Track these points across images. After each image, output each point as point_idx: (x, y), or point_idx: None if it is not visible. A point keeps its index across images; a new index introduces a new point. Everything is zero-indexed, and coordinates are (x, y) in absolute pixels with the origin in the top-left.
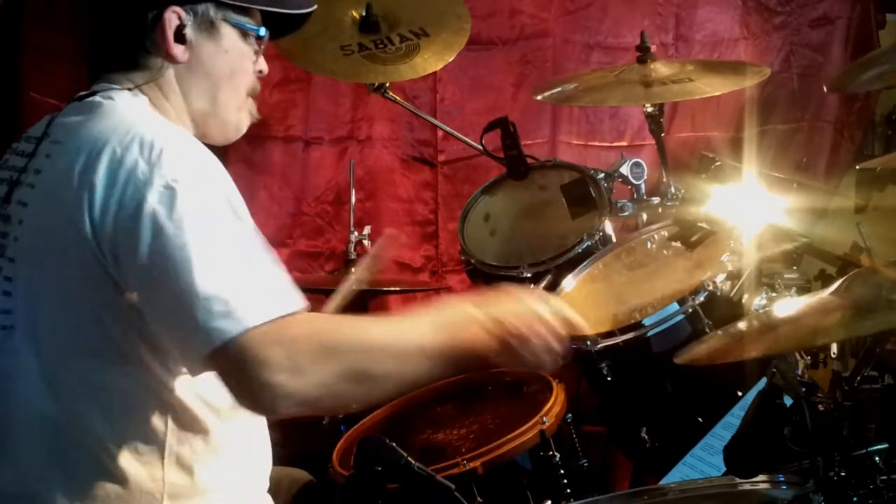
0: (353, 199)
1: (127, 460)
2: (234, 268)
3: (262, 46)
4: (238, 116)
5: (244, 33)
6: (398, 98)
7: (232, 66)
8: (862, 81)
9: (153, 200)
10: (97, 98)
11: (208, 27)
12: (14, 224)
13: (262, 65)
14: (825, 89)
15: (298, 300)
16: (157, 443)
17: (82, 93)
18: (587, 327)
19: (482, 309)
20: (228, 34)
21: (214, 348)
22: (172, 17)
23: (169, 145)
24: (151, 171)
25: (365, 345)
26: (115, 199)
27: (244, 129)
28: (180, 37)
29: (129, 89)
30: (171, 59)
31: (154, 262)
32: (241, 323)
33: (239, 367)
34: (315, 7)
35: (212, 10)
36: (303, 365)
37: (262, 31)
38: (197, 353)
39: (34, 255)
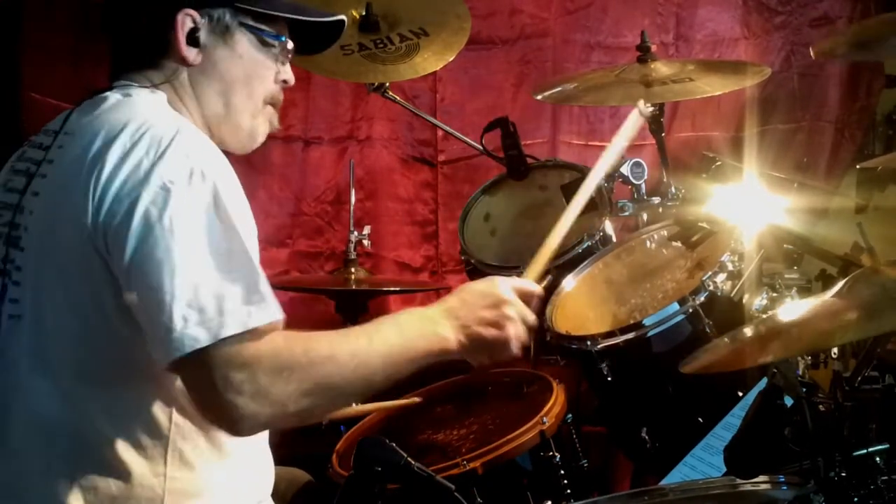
0: (353, 199)
1: (129, 455)
2: (215, 277)
3: (288, 56)
4: (252, 123)
5: (262, 41)
6: (398, 98)
7: (246, 71)
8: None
9: (147, 199)
10: (115, 93)
11: (223, 32)
12: (27, 214)
13: (287, 74)
14: (812, 55)
15: (275, 312)
16: (159, 438)
17: (100, 88)
18: (537, 286)
19: (440, 308)
20: (244, 40)
21: (183, 355)
22: (186, 19)
23: (177, 144)
24: (152, 169)
25: (320, 359)
26: (114, 191)
27: (260, 138)
28: (194, 40)
29: (147, 87)
30: (184, 61)
31: (139, 261)
32: (212, 333)
33: (204, 382)
34: (341, 17)
35: (228, 16)
36: (263, 387)
37: (283, 39)
38: (166, 356)
39: (41, 244)
